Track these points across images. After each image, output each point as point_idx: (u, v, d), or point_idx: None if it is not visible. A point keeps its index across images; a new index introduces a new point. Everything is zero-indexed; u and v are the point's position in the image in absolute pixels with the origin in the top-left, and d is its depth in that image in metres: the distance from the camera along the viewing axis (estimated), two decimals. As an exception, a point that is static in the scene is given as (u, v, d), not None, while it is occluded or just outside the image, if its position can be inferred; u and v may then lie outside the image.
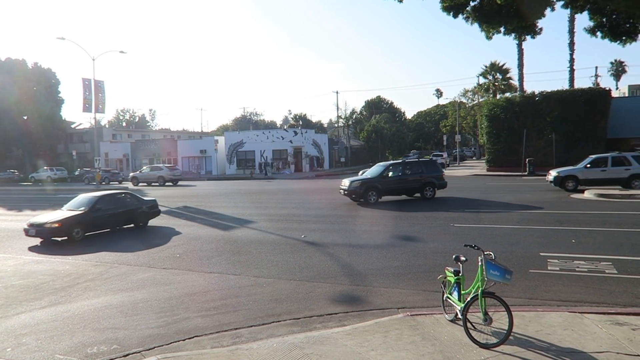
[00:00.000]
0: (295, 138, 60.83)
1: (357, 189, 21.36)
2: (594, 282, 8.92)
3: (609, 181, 23.02)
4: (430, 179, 22.22)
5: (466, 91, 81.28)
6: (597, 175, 23.03)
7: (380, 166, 23.02)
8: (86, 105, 39.29)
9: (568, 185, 23.13)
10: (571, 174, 23.35)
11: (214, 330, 7.28)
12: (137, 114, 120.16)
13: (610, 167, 22.94)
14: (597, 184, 23.09)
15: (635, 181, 22.63)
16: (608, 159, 23.26)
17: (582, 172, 23.27)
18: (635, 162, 22.73)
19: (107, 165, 66.22)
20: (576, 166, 24.17)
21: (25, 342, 7.02)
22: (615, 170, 22.83)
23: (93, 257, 12.84)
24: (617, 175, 22.81)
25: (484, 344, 6.01)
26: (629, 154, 23.52)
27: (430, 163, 23.32)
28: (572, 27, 44.63)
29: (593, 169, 23.17)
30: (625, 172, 22.72)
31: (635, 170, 22.63)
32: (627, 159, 22.97)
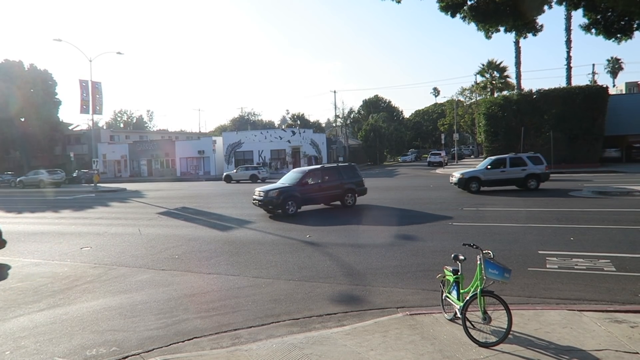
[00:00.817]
0: (293, 138, 60.83)
1: (275, 199, 18.89)
2: (592, 279, 8.94)
3: (508, 181, 24.01)
4: (351, 185, 20.83)
5: (464, 89, 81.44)
6: (498, 176, 23.86)
7: (297, 172, 20.90)
8: (84, 106, 39.24)
9: (472, 187, 23.57)
10: (474, 176, 23.84)
11: (213, 331, 7.26)
12: (134, 115, 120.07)
13: (508, 168, 23.81)
14: (498, 185, 24.10)
15: (531, 181, 23.78)
16: (506, 160, 24.14)
17: (484, 174, 23.90)
18: (531, 163, 23.87)
19: (104, 167, 66.10)
20: (478, 168, 24.95)
21: (24, 345, 7.00)
22: (514, 171, 23.75)
23: (91, 259, 12.82)
24: (515, 176, 23.79)
25: (483, 342, 6.01)
26: (524, 155, 24.52)
27: (349, 168, 21.65)
28: (568, 25, 44.66)
29: (493, 170, 23.93)
30: (522, 172, 23.75)
31: (531, 170, 23.75)
32: (523, 160, 23.99)
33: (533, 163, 23.94)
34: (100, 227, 18.71)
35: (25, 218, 23.17)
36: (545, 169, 24.20)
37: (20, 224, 20.63)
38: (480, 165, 24.99)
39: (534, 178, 23.76)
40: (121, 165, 68.26)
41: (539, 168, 23.95)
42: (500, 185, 24.08)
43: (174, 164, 64.07)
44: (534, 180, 23.80)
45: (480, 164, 25.36)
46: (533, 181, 23.78)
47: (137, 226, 18.21)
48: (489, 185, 23.89)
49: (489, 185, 23.89)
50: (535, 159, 24.23)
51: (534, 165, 23.87)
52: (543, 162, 24.30)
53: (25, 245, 15.37)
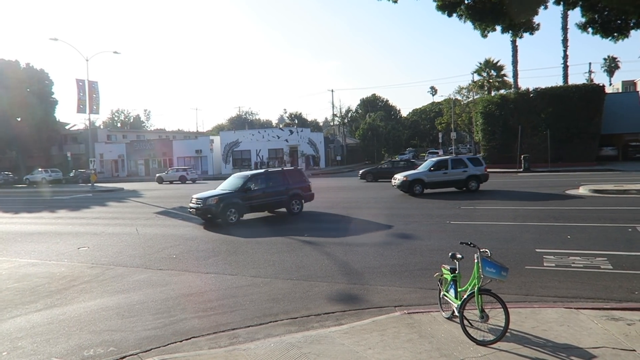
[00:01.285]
0: (291, 137, 60.81)
1: (214, 206, 17.16)
2: (589, 277, 8.97)
3: (450, 183, 23.92)
4: (297, 191, 19.30)
5: (461, 88, 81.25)
6: (440, 178, 23.71)
7: (238, 178, 18.95)
8: (80, 106, 39.14)
9: (415, 189, 23.18)
10: (418, 178, 23.50)
11: (211, 330, 7.26)
12: (131, 115, 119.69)
13: (450, 170, 23.72)
14: (441, 186, 23.99)
15: (471, 182, 23.76)
16: (448, 162, 24.10)
17: (427, 176, 23.67)
18: (471, 164, 23.90)
19: (102, 166, 65.97)
20: (420, 170, 24.59)
21: (21, 346, 6.98)
22: (455, 173, 23.68)
23: (89, 259, 12.79)
24: (457, 177, 23.73)
25: (480, 341, 6.03)
26: (465, 157, 25.07)
27: (295, 173, 20.35)
28: (565, 24, 44.70)
29: (436, 172, 23.76)
30: (463, 174, 23.70)
31: (472, 171, 23.75)
32: (464, 162, 24.05)
33: (473, 165, 23.97)
34: (97, 227, 18.67)
35: (22, 218, 23.11)
36: (484, 170, 24.23)
37: (17, 224, 20.57)
38: (422, 167, 24.70)
39: (475, 179, 23.82)
40: (118, 165, 68.10)
41: (479, 169, 23.98)
42: (443, 187, 24.01)
43: (172, 164, 63.94)
44: (475, 181, 23.83)
45: (422, 166, 25.16)
46: (474, 182, 23.79)
47: (135, 226, 18.18)
48: (432, 187, 23.76)
49: (432, 187, 23.76)
50: (475, 161, 24.42)
51: (474, 167, 23.91)
52: (482, 163, 24.48)
53: (22, 245, 15.32)
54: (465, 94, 79.12)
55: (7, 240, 16.37)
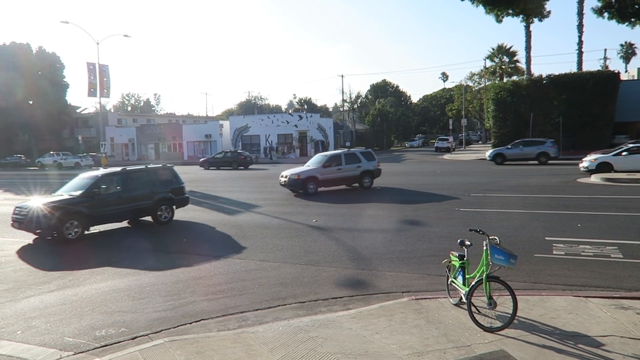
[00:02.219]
0: (300, 122, 60.68)
1: (41, 220, 12.65)
2: (599, 266, 8.92)
3: (344, 180, 21.91)
4: (167, 194, 15.45)
5: (472, 74, 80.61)
6: (335, 175, 21.45)
7: (87, 179, 14.48)
8: (91, 89, 39.27)
9: (309, 188, 20.57)
10: (312, 175, 20.81)
11: (220, 313, 7.35)
12: (142, 99, 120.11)
13: (344, 165, 21.55)
14: (335, 184, 21.85)
15: (365, 178, 21.93)
16: (342, 157, 21.81)
17: (321, 173, 21.08)
18: (364, 159, 21.96)
19: (112, 150, 66.39)
20: (312, 166, 21.56)
21: (35, 325, 7.13)
22: (349, 168, 21.64)
23: (100, 241, 12.95)
24: (351, 173, 21.69)
25: (488, 327, 6.04)
26: (358, 151, 22.66)
27: (164, 171, 16.11)
28: (580, 9, 43.84)
29: (330, 169, 21.37)
30: (357, 170, 21.77)
31: (365, 167, 21.85)
32: (357, 156, 21.93)
33: (367, 159, 22.02)
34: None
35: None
36: (377, 165, 22.38)
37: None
38: (313, 163, 21.78)
39: (368, 175, 21.98)
40: (129, 149, 68.48)
41: (372, 164, 22.07)
42: (337, 184, 21.86)
43: (181, 148, 64.22)
44: (368, 177, 21.99)
45: (311, 161, 22.21)
46: (367, 179, 21.95)
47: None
48: (326, 185, 21.39)
49: (326, 185, 21.39)
50: (368, 155, 22.32)
51: (368, 162, 21.95)
52: (375, 157, 22.55)
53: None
54: (477, 80, 78.36)
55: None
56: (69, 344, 6.43)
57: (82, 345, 6.37)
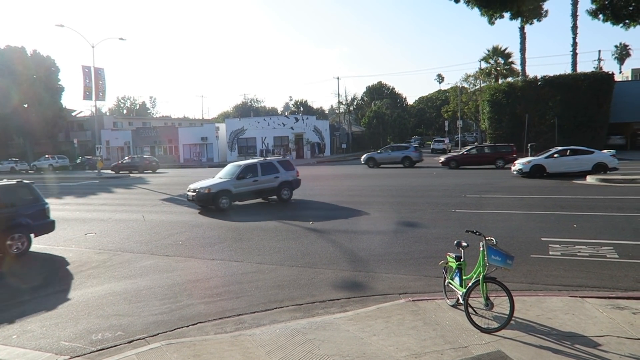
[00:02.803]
0: (296, 124, 60.68)
1: None
2: (595, 266, 8.95)
3: (262, 192, 19.41)
4: (22, 219, 12.07)
5: (468, 76, 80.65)
6: (251, 187, 18.82)
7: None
8: (86, 93, 39.18)
9: (221, 203, 17.73)
10: (225, 189, 18.09)
11: (217, 316, 7.34)
12: (137, 102, 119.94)
13: (261, 176, 19.15)
14: (252, 197, 19.24)
15: (284, 190, 19.69)
16: (257, 167, 19.24)
17: (235, 185, 18.36)
18: (282, 169, 19.78)
19: (108, 153, 66.17)
20: (223, 179, 18.78)
21: (31, 329, 7.09)
22: (267, 179, 19.24)
23: (96, 245, 12.91)
24: (269, 185, 19.31)
25: (485, 328, 6.05)
26: (275, 160, 20.34)
27: (22, 189, 12.58)
28: (575, 10, 44.05)
29: (245, 180, 18.71)
30: (275, 181, 19.44)
31: (283, 177, 19.65)
32: (275, 166, 19.70)
33: (285, 169, 19.82)
34: (104, 213, 18.80)
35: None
36: (296, 175, 20.26)
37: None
38: (225, 175, 19.08)
39: (287, 186, 19.71)
40: (124, 152, 68.25)
41: (290, 174, 19.93)
42: (253, 197, 19.43)
43: (177, 151, 64.11)
44: (287, 189, 19.72)
45: (223, 172, 19.45)
46: (286, 190, 19.68)
47: (141, 212, 18.29)
48: (241, 198, 18.86)
49: (241, 198, 18.86)
50: (286, 164, 20.18)
51: (286, 172, 19.79)
52: (293, 167, 20.45)
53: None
54: (472, 81, 78.55)
55: (16, 226, 16.47)
56: (65, 348, 6.40)
57: (78, 349, 6.34)
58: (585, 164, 23.74)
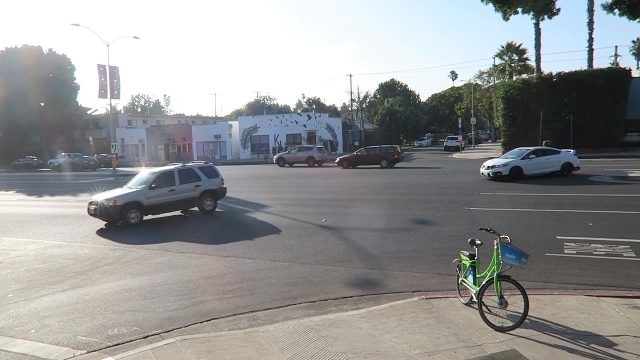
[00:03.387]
0: (308, 122, 60.74)
1: None
2: (611, 265, 8.84)
3: (180, 203, 16.81)
4: None
5: (482, 73, 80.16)
6: (167, 198, 16.19)
7: None
8: (102, 91, 39.63)
9: (130, 218, 15.30)
10: (134, 200, 15.48)
11: (230, 312, 7.39)
12: (151, 100, 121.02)
13: (179, 185, 16.46)
14: (168, 209, 16.65)
15: (207, 200, 17.23)
16: (175, 175, 16.63)
17: (147, 196, 15.75)
18: (204, 176, 17.27)
19: (122, 151, 66.82)
20: (134, 188, 16.13)
21: (49, 324, 7.21)
22: (186, 188, 16.68)
23: (111, 242, 13.07)
24: (189, 195, 16.77)
25: (499, 327, 6.02)
26: (196, 167, 17.54)
27: None
28: (591, 5, 43.39)
29: (160, 190, 16.06)
30: (196, 190, 16.93)
31: (206, 185, 17.24)
32: (195, 173, 17.18)
33: (207, 176, 17.41)
34: (119, 210, 18.97)
35: (46, 201, 23.65)
36: (221, 183, 17.89)
37: (42, 207, 21.07)
38: (136, 184, 16.52)
39: (210, 196, 17.36)
40: (139, 150, 68.92)
41: (214, 182, 17.57)
42: (170, 209, 16.79)
43: (190, 149, 64.53)
44: (211, 199, 17.37)
45: (133, 181, 16.88)
46: (209, 200, 17.33)
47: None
48: (154, 211, 16.22)
49: (154, 211, 16.22)
50: (209, 171, 17.76)
51: (209, 179, 17.40)
52: (218, 174, 18.00)
53: (48, 227, 15.71)
54: (486, 78, 77.90)
55: (33, 223, 16.80)
56: (82, 343, 6.50)
57: (94, 344, 6.44)
58: (555, 164, 22.87)
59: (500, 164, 22.77)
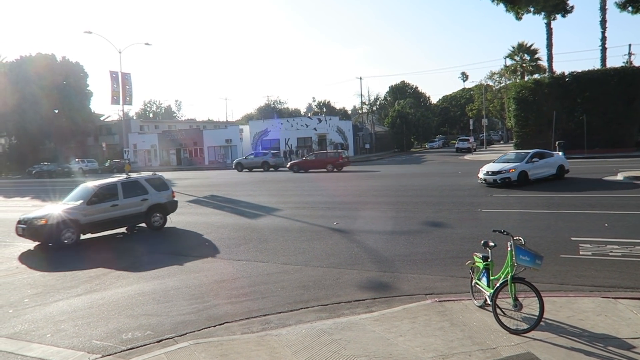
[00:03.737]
0: (319, 125, 60.75)
1: None
2: (628, 266, 8.71)
3: (124, 220, 14.94)
4: None
5: (493, 74, 79.56)
6: (108, 214, 14.42)
7: None
8: (114, 97, 39.99)
9: (65, 237, 13.44)
10: (68, 218, 13.57)
11: (243, 316, 7.41)
12: (163, 105, 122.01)
13: (122, 200, 14.72)
14: (109, 227, 14.83)
15: (155, 216, 15.39)
16: (117, 188, 14.83)
17: (85, 213, 13.93)
18: (152, 189, 15.54)
19: (135, 156, 67.40)
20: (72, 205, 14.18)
21: (64, 329, 7.29)
22: (131, 203, 14.88)
23: (125, 246, 13.17)
24: (135, 210, 14.97)
25: (514, 329, 5.95)
26: (142, 178, 15.87)
27: None
28: (603, 4, 42.94)
29: (100, 205, 14.31)
30: (143, 204, 15.15)
31: (154, 199, 15.44)
32: (142, 185, 15.45)
33: (156, 189, 15.67)
34: (132, 215, 19.13)
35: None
36: (172, 196, 16.20)
37: (57, 213, 21.27)
38: (73, 198, 14.76)
39: (159, 211, 15.50)
40: (151, 155, 69.50)
41: (164, 195, 15.79)
42: (112, 227, 14.91)
43: (202, 153, 64.91)
44: (159, 213, 15.51)
45: (71, 196, 15.07)
46: (158, 216, 15.47)
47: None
48: (94, 229, 14.39)
49: (94, 229, 14.39)
50: (157, 183, 15.96)
51: (157, 192, 15.62)
52: (168, 186, 16.27)
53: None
54: (497, 79, 77.38)
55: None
56: (97, 347, 6.56)
57: (109, 348, 6.49)
58: (553, 167, 21.88)
59: (506, 169, 20.59)
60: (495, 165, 21.60)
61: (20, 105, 60.73)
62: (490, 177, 20.85)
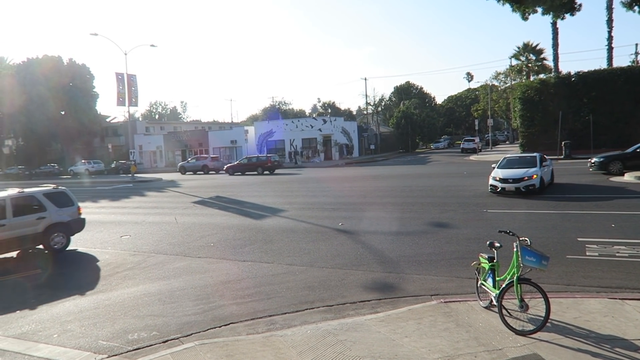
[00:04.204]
0: (324, 126, 60.74)
1: None
2: (635, 267, 8.65)
3: (12, 243, 12.48)
4: None
5: (498, 74, 79.27)
6: None
7: None
8: (120, 99, 40.24)
9: None
10: None
11: (248, 317, 7.42)
12: (168, 107, 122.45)
13: (12, 219, 12.29)
14: None
15: (56, 237, 13.12)
16: (5, 205, 12.34)
17: None
18: (53, 205, 13.20)
19: (141, 157, 67.68)
20: None
21: (70, 329, 7.33)
22: (22, 223, 12.52)
23: (131, 247, 13.23)
24: (26, 231, 12.56)
25: (520, 330, 5.93)
26: (39, 193, 13.27)
27: None
28: (610, 3, 42.67)
29: None
30: (38, 224, 12.80)
31: (54, 217, 13.14)
32: (38, 200, 13.06)
33: (56, 205, 13.33)
34: (138, 216, 19.26)
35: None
36: (78, 212, 13.88)
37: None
38: None
39: (62, 230, 13.27)
40: (157, 156, 69.74)
41: (67, 212, 13.52)
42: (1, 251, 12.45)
43: (207, 154, 65.11)
44: (62, 234, 13.27)
45: None
46: (60, 237, 13.21)
47: (174, 215, 18.65)
48: None
49: None
50: (59, 198, 13.58)
51: (58, 209, 13.29)
52: (74, 201, 13.92)
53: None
54: (503, 79, 77.11)
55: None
56: (103, 347, 6.59)
57: (115, 349, 6.52)
58: (549, 172, 20.36)
59: (528, 175, 17.93)
60: (511, 171, 18.67)
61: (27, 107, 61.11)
62: (510, 185, 17.98)
